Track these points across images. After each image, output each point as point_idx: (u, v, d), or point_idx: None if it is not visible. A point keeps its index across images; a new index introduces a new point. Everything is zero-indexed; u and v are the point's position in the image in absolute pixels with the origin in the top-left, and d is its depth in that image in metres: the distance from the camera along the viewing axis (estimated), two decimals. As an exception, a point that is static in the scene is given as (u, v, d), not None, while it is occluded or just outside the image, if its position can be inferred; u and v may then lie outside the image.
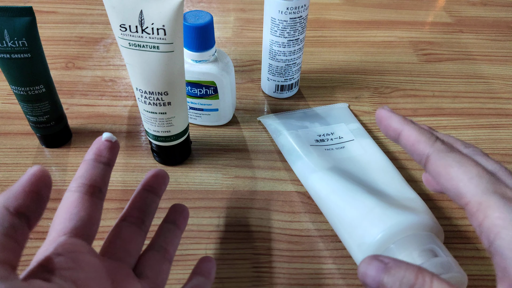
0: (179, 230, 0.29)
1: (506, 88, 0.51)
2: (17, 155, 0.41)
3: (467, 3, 0.68)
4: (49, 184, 0.20)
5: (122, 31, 0.31)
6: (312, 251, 0.34)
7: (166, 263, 0.27)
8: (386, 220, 0.30)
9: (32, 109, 0.38)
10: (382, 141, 0.44)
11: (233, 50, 0.56)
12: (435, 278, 0.19)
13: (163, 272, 0.26)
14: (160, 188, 0.28)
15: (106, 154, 0.25)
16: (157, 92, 0.34)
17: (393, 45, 0.58)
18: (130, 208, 0.27)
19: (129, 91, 0.49)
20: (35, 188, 0.19)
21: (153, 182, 0.28)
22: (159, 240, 0.27)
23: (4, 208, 0.18)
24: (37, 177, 0.19)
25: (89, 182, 0.23)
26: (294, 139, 0.40)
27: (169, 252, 0.27)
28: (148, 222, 0.27)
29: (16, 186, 0.19)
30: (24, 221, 0.18)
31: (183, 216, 0.30)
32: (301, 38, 0.44)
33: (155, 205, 0.28)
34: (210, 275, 0.28)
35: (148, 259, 0.26)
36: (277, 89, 0.48)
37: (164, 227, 0.28)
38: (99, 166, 0.24)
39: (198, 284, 0.27)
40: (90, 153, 0.25)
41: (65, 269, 0.19)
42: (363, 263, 0.21)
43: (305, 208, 0.37)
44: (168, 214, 0.29)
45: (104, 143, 0.25)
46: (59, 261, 0.20)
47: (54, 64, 0.53)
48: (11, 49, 0.34)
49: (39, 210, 0.19)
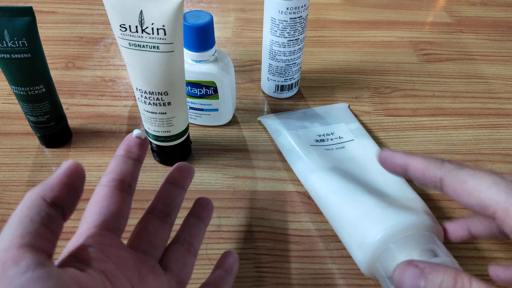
0: (203, 224, 0.29)
1: (506, 88, 0.51)
2: (17, 155, 0.41)
3: (467, 3, 0.68)
4: (83, 178, 0.20)
5: (122, 31, 0.31)
6: (312, 251, 0.34)
7: (191, 256, 0.27)
8: (386, 220, 0.30)
9: (32, 109, 0.38)
10: (382, 141, 0.44)
11: (233, 50, 0.56)
12: (473, 280, 0.18)
13: (187, 265, 0.26)
14: (185, 181, 0.28)
15: (136, 150, 0.25)
16: (157, 92, 0.34)
17: (393, 45, 0.58)
18: (155, 202, 0.27)
19: (129, 91, 0.49)
20: (70, 180, 0.19)
21: (177, 175, 0.28)
22: (184, 234, 0.28)
23: (41, 198, 0.18)
24: (72, 170, 0.20)
25: (119, 177, 0.24)
26: (294, 139, 0.40)
27: (194, 246, 0.27)
28: (173, 216, 0.27)
29: (52, 178, 0.19)
30: (59, 212, 0.19)
31: (207, 210, 0.30)
32: (301, 38, 0.44)
33: (180, 199, 0.28)
34: (232, 270, 0.28)
35: (173, 252, 0.26)
36: (277, 89, 0.48)
37: (189, 221, 0.29)
38: (129, 162, 0.25)
39: (220, 279, 0.27)
40: (120, 149, 0.25)
41: (95, 260, 0.20)
42: (397, 269, 0.20)
43: (305, 208, 0.37)
44: (192, 208, 0.29)
45: (134, 140, 0.26)
46: (89, 253, 0.20)
47: (54, 64, 0.53)
48: (11, 49, 0.34)
49: (73, 202, 0.20)
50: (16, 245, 0.17)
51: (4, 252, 0.16)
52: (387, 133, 0.44)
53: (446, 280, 0.19)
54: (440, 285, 0.19)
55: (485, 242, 0.35)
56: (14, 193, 0.38)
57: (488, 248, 0.34)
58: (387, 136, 0.44)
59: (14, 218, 0.18)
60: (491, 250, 0.34)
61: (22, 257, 0.16)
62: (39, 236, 0.17)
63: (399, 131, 0.45)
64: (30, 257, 0.16)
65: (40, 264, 0.16)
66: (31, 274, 0.16)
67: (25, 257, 0.16)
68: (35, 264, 0.16)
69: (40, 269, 0.16)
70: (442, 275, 0.19)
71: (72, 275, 0.18)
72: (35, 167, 0.40)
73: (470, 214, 0.31)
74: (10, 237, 0.17)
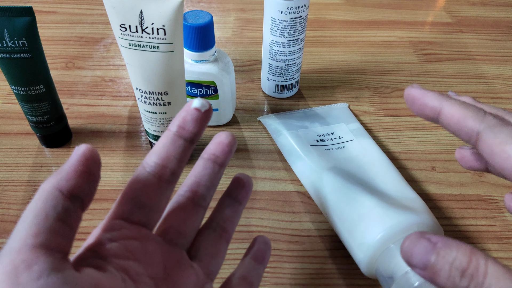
0: (240, 205, 0.26)
1: (506, 88, 0.51)
2: (17, 155, 0.41)
3: (467, 3, 0.68)
4: (99, 162, 0.18)
5: (122, 31, 0.31)
6: (312, 251, 0.34)
7: (223, 243, 0.25)
8: (386, 220, 0.30)
9: (32, 109, 0.38)
10: (382, 141, 0.44)
11: (233, 50, 0.56)
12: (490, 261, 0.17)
13: (218, 254, 0.24)
14: (224, 156, 0.24)
15: (191, 127, 0.21)
16: (157, 92, 0.34)
17: (393, 45, 0.58)
18: (189, 181, 0.24)
19: (129, 91, 0.49)
20: (86, 168, 0.18)
21: (216, 149, 0.24)
22: (217, 218, 0.25)
23: (58, 190, 0.17)
24: (87, 156, 0.18)
25: (161, 161, 0.21)
26: (294, 139, 0.40)
27: (227, 231, 0.25)
28: (208, 198, 0.24)
29: (67, 167, 0.18)
30: (77, 203, 0.17)
31: (245, 189, 0.26)
32: (301, 38, 0.44)
33: (218, 177, 0.24)
34: (264, 260, 0.26)
35: (203, 239, 0.24)
36: (277, 89, 0.48)
37: (224, 202, 0.26)
38: (178, 142, 0.21)
39: (249, 271, 0.25)
40: (174, 124, 0.22)
41: (117, 257, 0.19)
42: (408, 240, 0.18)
43: (305, 208, 0.37)
44: (229, 187, 0.26)
45: (192, 113, 0.21)
46: (112, 248, 0.19)
47: (54, 64, 0.53)
48: (11, 49, 0.34)
49: (92, 190, 0.18)
50: (30, 246, 0.15)
51: (16, 254, 0.15)
52: (387, 133, 0.44)
53: (459, 258, 0.17)
54: (452, 262, 0.17)
55: (485, 242, 0.35)
56: (14, 193, 0.38)
57: (488, 248, 0.34)
58: (387, 136, 0.44)
59: (29, 212, 0.16)
60: (491, 250, 0.34)
61: (36, 260, 0.15)
62: (55, 233, 0.16)
63: (399, 131, 0.45)
64: (44, 260, 0.15)
65: (54, 269, 0.15)
66: (44, 281, 0.15)
67: (39, 260, 0.15)
68: (50, 269, 0.15)
69: (54, 274, 0.15)
70: (456, 252, 0.17)
71: (90, 279, 0.17)
72: (35, 167, 0.40)
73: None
74: (24, 235, 0.16)
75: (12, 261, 0.15)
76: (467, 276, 0.16)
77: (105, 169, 0.40)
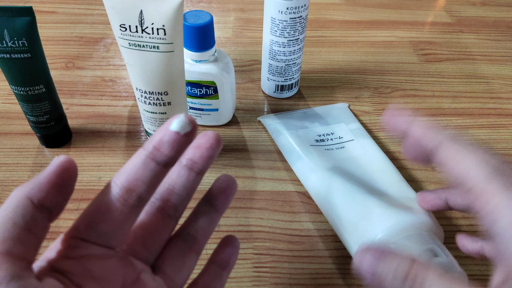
0: (216, 213, 0.24)
1: (506, 88, 0.51)
2: (17, 155, 0.41)
3: (467, 3, 0.68)
4: (75, 176, 0.18)
5: (122, 31, 0.31)
6: (312, 251, 0.34)
7: (192, 255, 0.23)
8: (386, 220, 0.30)
9: (32, 109, 0.38)
10: (382, 141, 0.44)
11: (233, 50, 0.56)
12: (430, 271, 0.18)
13: (185, 266, 0.23)
14: (204, 163, 0.21)
15: (166, 150, 0.19)
16: (157, 92, 0.34)
17: (393, 45, 0.58)
18: (161, 190, 0.22)
19: (129, 91, 0.49)
20: (61, 180, 0.18)
21: (194, 154, 0.21)
22: (189, 227, 0.23)
23: (28, 199, 0.17)
24: (64, 168, 0.18)
25: (128, 184, 0.19)
26: (294, 139, 0.40)
27: (198, 242, 0.23)
28: (181, 208, 0.23)
29: (41, 177, 0.18)
30: (45, 214, 0.17)
31: (225, 195, 0.24)
32: (301, 38, 0.44)
33: (194, 186, 0.22)
34: (228, 265, 0.24)
35: (170, 250, 0.23)
36: (277, 89, 0.48)
37: (200, 209, 0.24)
38: (150, 165, 0.19)
39: (213, 278, 0.24)
40: (149, 143, 0.19)
41: (74, 275, 0.19)
42: (358, 252, 0.21)
43: (305, 208, 0.37)
44: (208, 191, 0.24)
45: (169, 135, 0.19)
46: (69, 265, 0.19)
47: (54, 64, 0.53)
48: (11, 49, 0.34)
49: (62, 203, 0.18)
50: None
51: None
52: (387, 133, 0.44)
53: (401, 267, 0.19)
54: (395, 271, 0.19)
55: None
56: (14, 193, 0.38)
57: (488, 248, 0.34)
58: (387, 136, 0.44)
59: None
60: (491, 250, 0.34)
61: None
62: (20, 242, 0.16)
63: (399, 131, 0.45)
64: (7, 268, 0.15)
65: (16, 276, 0.15)
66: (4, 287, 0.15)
67: (1, 267, 0.15)
68: (11, 276, 0.15)
69: (15, 282, 0.15)
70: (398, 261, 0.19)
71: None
72: (35, 167, 0.40)
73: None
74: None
75: None
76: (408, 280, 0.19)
77: (105, 169, 0.40)
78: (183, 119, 0.19)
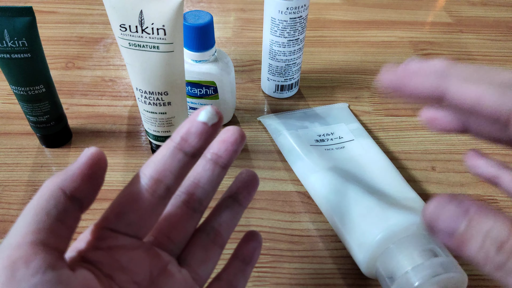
0: (240, 207, 0.24)
1: (506, 88, 0.51)
2: (17, 155, 0.41)
3: (467, 3, 0.68)
4: (105, 167, 0.19)
5: (122, 31, 0.31)
6: (312, 251, 0.34)
7: (216, 249, 0.23)
8: (386, 220, 0.30)
9: (32, 109, 0.38)
10: (382, 141, 0.44)
11: (233, 50, 0.56)
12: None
13: (209, 260, 0.23)
14: (228, 157, 0.22)
15: (194, 141, 0.19)
16: (157, 92, 0.34)
17: (393, 45, 0.58)
18: (186, 184, 0.22)
19: (129, 91, 0.49)
20: (92, 171, 0.18)
21: (219, 148, 0.22)
22: (213, 221, 0.23)
23: (61, 190, 0.17)
24: (95, 160, 0.18)
25: (156, 175, 0.19)
26: (294, 139, 0.40)
27: (222, 236, 0.23)
28: (206, 201, 0.23)
29: (74, 168, 0.18)
30: (77, 205, 0.18)
31: (248, 189, 0.24)
32: (301, 38, 0.44)
33: (218, 180, 0.22)
34: (252, 260, 0.24)
35: (194, 244, 0.23)
36: (277, 89, 0.48)
37: (223, 204, 0.24)
38: (178, 156, 0.19)
39: (236, 273, 0.24)
40: (177, 134, 0.20)
41: (103, 265, 0.19)
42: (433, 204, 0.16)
43: (305, 208, 0.37)
44: (231, 185, 0.24)
45: (197, 125, 0.19)
46: (98, 256, 0.19)
47: (54, 64, 0.53)
48: (11, 49, 0.34)
49: (93, 194, 0.18)
50: (29, 242, 0.16)
51: (16, 249, 0.16)
52: (387, 133, 0.44)
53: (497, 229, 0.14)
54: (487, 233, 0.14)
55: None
56: (14, 193, 0.38)
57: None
58: (387, 136, 0.44)
59: (30, 209, 0.17)
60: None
61: (33, 257, 0.16)
62: (54, 232, 0.17)
63: (399, 131, 0.45)
64: (42, 257, 0.16)
65: (50, 267, 0.16)
66: (40, 278, 0.15)
67: (36, 257, 0.16)
68: (46, 266, 0.16)
69: (50, 272, 0.16)
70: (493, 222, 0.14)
71: (83, 279, 0.17)
72: (35, 167, 0.40)
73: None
74: (24, 231, 0.16)
75: (10, 256, 0.15)
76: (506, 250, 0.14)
77: (105, 169, 0.40)
78: (210, 110, 0.19)
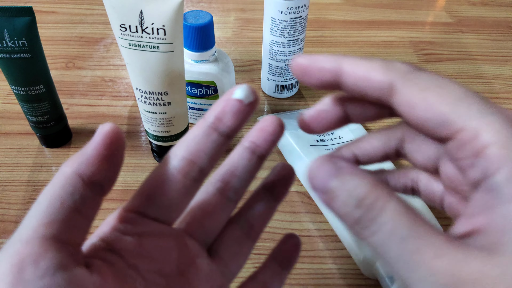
0: (275, 201, 0.23)
1: (506, 88, 0.51)
2: (17, 155, 0.41)
3: (467, 3, 0.68)
4: (123, 144, 0.17)
5: (122, 31, 0.31)
6: (312, 251, 0.34)
7: (248, 242, 0.22)
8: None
9: (32, 109, 0.38)
10: (382, 141, 0.43)
11: (233, 50, 0.56)
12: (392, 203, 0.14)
13: (241, 254, 0.22)
14: (267, 147, 0.20)
15: (229, 120, 0.18)
16: (157, 92, 0.34)
17: (393, 45, 0.58)
18: (222, 171, 0.21)
19: (129, 91, 0.49)
20: (110, 151, 0.16)
21: (258, 137, 0.20)
22: (246, 214, 0.22)
23: (78, 176, 0.15)
24: (111, 137, 0.16)
25: (189, 156, 0.18)
26: (294, 139, 0.40)
27: (255, 229, 0.22)
28: (241, 191, 0.21)
29: (89, 150, 0.16)
30: (97, 190, 0.16)
31: (284, 183, 0.23)
32: (301, 38, 0.44)
33: (255, 170, 0.21)
34: (290, 266, 0.23)
35: (226, 236, 0.21)
36: (277, 89, 0.48)
37: (258, 196, 0.23)
38: (212, 136, 0.18)
39: (272, 277, 0.22)
40: (210, 114, 0.19)
41: (129, 253, 0.17)
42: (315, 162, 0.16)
43: (305, 208, 0.37)
44: (266, 178, 0.23)
45: (232, 103, 0.18)
46: (125, 242, 0.18)
47: (54, 64, 0.53)
48: (11, 49, 0.34)
49: (113, 175, 0.17)
50: (40, 237, 0.14)
51: (24, 245, 0.14)
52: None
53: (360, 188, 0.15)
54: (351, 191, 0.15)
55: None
56: (14, 193, 0.38)
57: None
58: (387, 136, 0.44)
59: (44, 198, 0.15)
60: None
61: (44, 255, 0.14)
62: (69, 225, 0.15)
63: (399, 131, 0.45)
64: (52, 256, 0.14)
65: (61, 267, 0.14)
66: (48, 280, 0.14)
67: (47, 255, 0.14)
68: (56, 267, 0.14)
69: (59, 274, 0.14)
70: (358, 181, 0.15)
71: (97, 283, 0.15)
72: (35, 167, 0.40)
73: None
74: (36, 224, 0.15)
75: (19, 253, 0.14)
76: (362, 206, 0.15)
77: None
78: (246, 87, 0.18)
